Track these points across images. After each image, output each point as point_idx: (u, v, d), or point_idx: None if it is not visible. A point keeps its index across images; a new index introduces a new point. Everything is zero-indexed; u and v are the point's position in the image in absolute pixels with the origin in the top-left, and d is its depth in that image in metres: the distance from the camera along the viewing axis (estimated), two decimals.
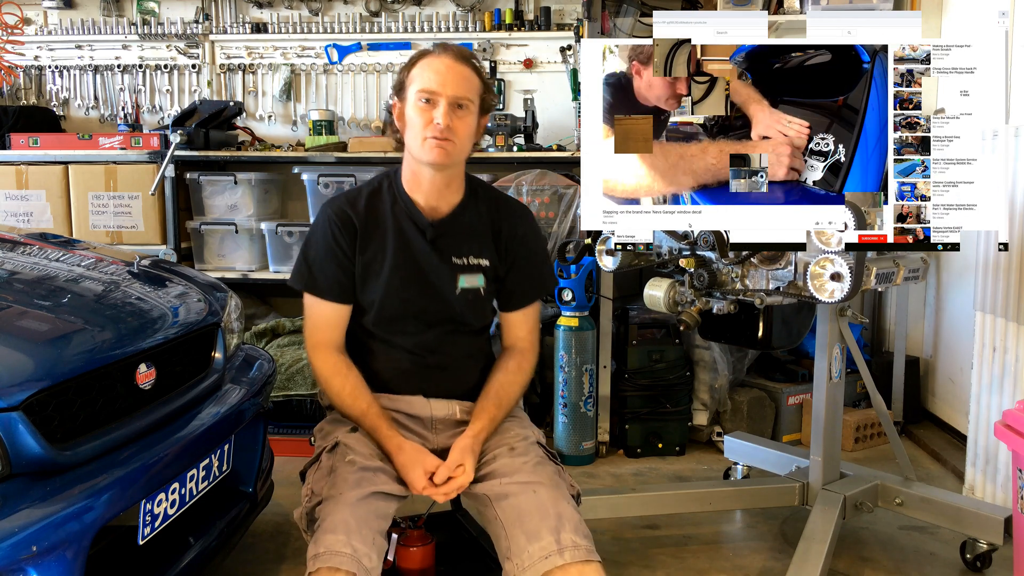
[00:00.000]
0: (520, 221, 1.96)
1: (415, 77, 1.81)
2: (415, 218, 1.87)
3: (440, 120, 1.75)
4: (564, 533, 1.59)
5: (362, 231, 1.86)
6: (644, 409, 3.35)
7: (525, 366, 1.95)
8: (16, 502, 1.41)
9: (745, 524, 2.75)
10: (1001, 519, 2.30)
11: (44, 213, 3.76)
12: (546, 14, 3.98)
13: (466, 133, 1.81)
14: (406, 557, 1.86)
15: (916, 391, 3.69)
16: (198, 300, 2.15)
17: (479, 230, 1.92)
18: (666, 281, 2.39)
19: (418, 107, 1.78)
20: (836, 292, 2.08)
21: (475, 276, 1.89)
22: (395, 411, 1.92)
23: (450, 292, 1.88)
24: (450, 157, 1.79)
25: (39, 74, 4.37)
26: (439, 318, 1.89)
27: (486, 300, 1.93)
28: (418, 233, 1.87)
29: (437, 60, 1.80)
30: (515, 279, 1.95)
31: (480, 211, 1.93)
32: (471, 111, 1.81)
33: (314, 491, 1.70)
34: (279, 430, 3.30)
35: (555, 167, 3.54)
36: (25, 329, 1.69)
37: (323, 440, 1.85)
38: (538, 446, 1.85)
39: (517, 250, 1.94)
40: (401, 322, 1.88)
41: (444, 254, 1.88)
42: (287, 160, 3.78)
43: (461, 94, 1.78)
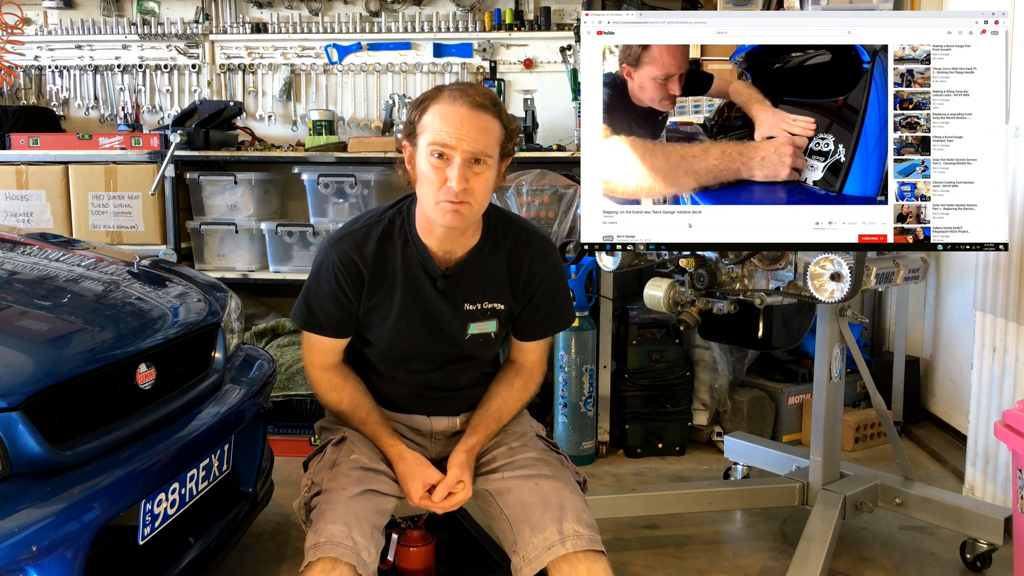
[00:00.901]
0: (542, 259, 1.82)
1: (427, 126, 1.63)
2: (427, 265, 1.74)
3: (455, 183, 1.59)
4: (567, 523, 1.59)
5: (369, 279, 1.73)
6: (644, 409, 3.35)
7: (531, 387, 1.90)
8: (16, 502, 1.41)
9: (745, 524, 2.75)
10: (1001, 519, 2.30)
11: (44, 213, 3.76)
12: (546, 14, 3.98)
13: (484, 189, 1.64)
14: (406, 557, 1.86)
15: (916, 391, 3.68)
16: (198, 300, 2.15)
17: (495, 274, 1.78)
18: (666, 281, 2.39)
19: (430, 162, 1.62)
20: (836, 292, 2.08)
21: (487, 323, 1.79)
22: (396, 422, 1.91)
23: (459, 338, 1.79)
24: (466, 220, 1.65)
25: (39, 74, 4.37)
26: (447, 358, 1.82)
27: (496, 342, 1.85)
28: (428, 281, 1.75)
29: (451, 109, 1.61)
30: (532, 316, 1.84)
31: (499, 254, 1.79)
32: (490, 166, 1.64)
33: (314, 481, 1.70)
34: (279, 430, 3.30)
35: (555, 167, 3.53)
36: (25, 329, 1.69)
37: (330, 433, 1.85)
38: (538, 439, 1.85)
39: (536, 289, 1.82)
40: (408, 361, 1.82)
41: (456, 302, 1.76)
42: (287, 160, 3.78)
43: (479, 149, 1.61)
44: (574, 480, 1.74)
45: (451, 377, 1.85)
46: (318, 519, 1.59)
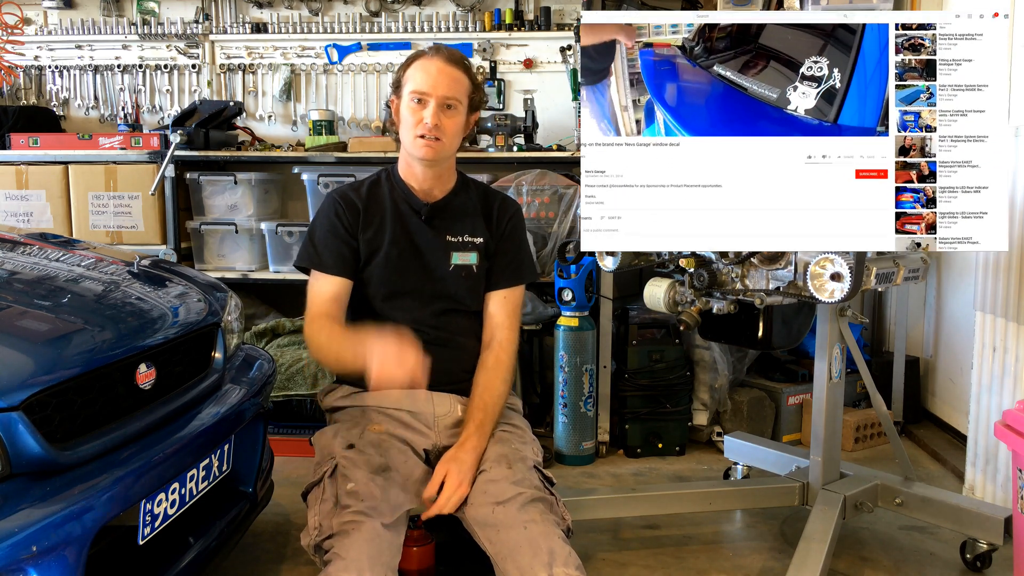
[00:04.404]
0: (509, 203, 2.14)
1: (409, 78, 1.96)
2: (411, 200, 2.04)
3: (428, 120, 1.91)
4: (556, 567, 1.62)
5: (364, 212, 2.02)
6: (644, 409, 3.35)
7: (503, 357, 2.01)
8: (16, 502, 1.41)
9: (745, 524, 2.75)
10: (1001, 519, 2.30)
11: (44, 213, 3.76)
12: (546, 14, 3.98)
13: (454, 131, 1.96)
14: (406, 557, 1.85)
15: (916, 391, 3.68)
16: (198, 300, 2.15)
17: (471, 212, 2.07)
18: (666, 281, 2.39)
19: (410, 107, 1.94)
20: (836, 292, 2.08)
21: (468, 254, 2.03)
22: (397, 409, 1.93)
23: (444, 269, 2.02)
24: (438, 154, 1.96)
25: (39, 74, 4.37)
26: (435, 295, 2.02)
27: (478, 279, 2.05)
28: (414, 213, 2.03)
29: (429, 62, 1.94)
30: (500, 260, 2.08)
31: (472, 197, 2.10)
32: (459, 111, 1.96)
33: (323, 525, 1.71)
34: (279, 430, 3.30)
35: (555, 167, 3.54)
36: (25, 329, 1.69)
37: (322, 461, 1.87)
38: (535, 471, 1.87)
39: (505, 227, 2.09)
40: (400, 298, 2.01)
41: (439, 232, 2.03)
42: (287, 160, 3.78)
43: (450, 95, 1.93)
44: (561, 529, 1.75)
45: (440, 319, 2.01)
46: (333, 568, 1.60)
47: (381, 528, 1.68)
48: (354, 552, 1.60)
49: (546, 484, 1.86)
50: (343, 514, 1.68)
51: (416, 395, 1.96)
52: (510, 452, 1.87)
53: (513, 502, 1.75)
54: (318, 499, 1.77)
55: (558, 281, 3.20)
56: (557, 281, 3.21)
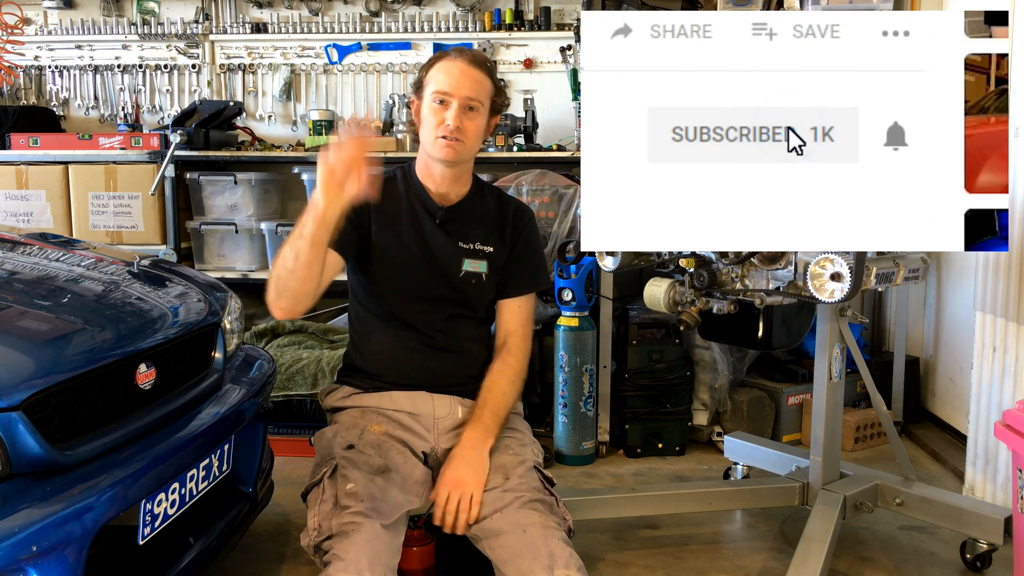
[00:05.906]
0: (523, 211, 2.12)
1: (432, 78, 1.93)
2: (426, 202, 2.01)
3: (451, 121, 1.88)
4: (557, 570, 1.62)
5: (377, 203, 1.92)
6: (644, 409, 3.35)
7: (511, 361, 2.01)
8: (16, 502, 1.41)
9: (745, 524, 2.75)
10: (1001, 519, 2.30)
11: (44, 213, 3.77)
12: (546, 14, 3.98)
13: (475, 133, 1.94)
14: (406, 557, 1.85)
15: (916, 391, 3.68)
16: (198, 300, 2.15)
17: (485, 218, 2.05)
18: (666, 281, 2.39)
19: (432, 107, 1.91)
20: (836, 292, 2.08)
21: (479, 262, 2.01)
22: (397, 410, 1.93)
23: (454, 274, 1.99)
24: (459, 155, 1.93)
25: (39, 74, 4.37)
26: (444, 299, 2.00)
27: (487, 287, 2.03)
28: (428, 216, 2.01)
29: (452, 63, 1.92)
30: (514, 268, 2.06)
31: (487, 203, 2.07)
32: (481, 113, 1.94)
33: (322, 526, 1.71)
34: (279, 430, 3.30)
35: (555, 167, 3.54)
36: (25, 329, 1.69)
37: (322, 461, 1.86)
38: (535, 471, 1.87)
39: (520, 236, 2.07)
40: (410, 301, 1.99)
41: (452, 237, 2.01)
42: (287, 160, 3.78)
43: (473, 96, 1.90)
44: (562, 530, 1.75)
45: (448, 323, 2.00)
46: (333, 568, 1.60)
47: (380, 529, 1.68)
48: (354, 553, 1.60)
49: (546, 485, 1.86)
50: (343, 515, 1.68)
51: (417, 397, 1.96)
52: (508, 461, 1.87)
53: (510, 506, 1.75)
54: (318, 499, 1.77)
55: (558, 281, 3.20)
56: (557, 281, 3.21)
